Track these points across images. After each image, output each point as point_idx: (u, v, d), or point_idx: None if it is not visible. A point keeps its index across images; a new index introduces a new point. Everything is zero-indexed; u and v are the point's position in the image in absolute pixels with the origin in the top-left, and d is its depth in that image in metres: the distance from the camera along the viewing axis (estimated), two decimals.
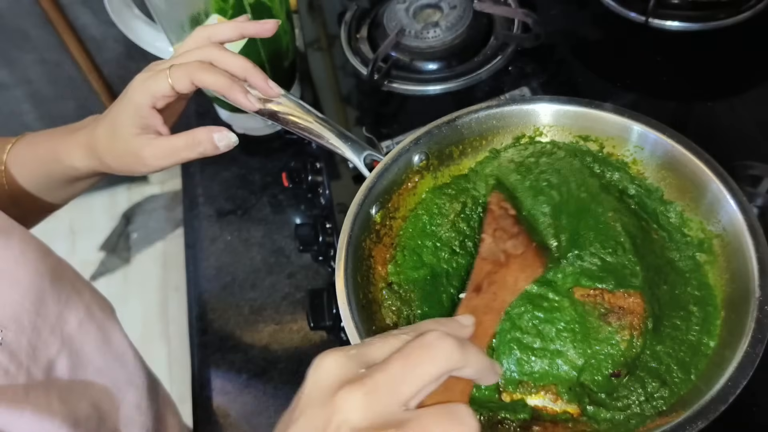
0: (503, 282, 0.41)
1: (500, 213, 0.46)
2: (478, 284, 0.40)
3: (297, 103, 0.49)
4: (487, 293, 0.39)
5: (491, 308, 0.39)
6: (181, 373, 1.41)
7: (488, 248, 0.43)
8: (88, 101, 1.50)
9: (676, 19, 0.63)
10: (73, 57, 1.39)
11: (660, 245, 0.46)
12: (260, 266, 0.63)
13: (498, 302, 0.39)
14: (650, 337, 0.41)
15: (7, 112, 1.47)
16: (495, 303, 0.39)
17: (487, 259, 0.42)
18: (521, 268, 0.42)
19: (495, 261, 0.42)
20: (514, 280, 0.41)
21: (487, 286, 0.40)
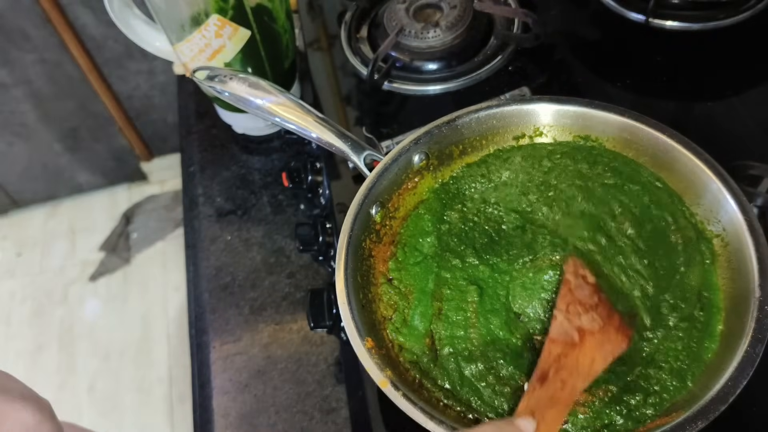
0: (575, 366, 0.36)
1: (577, 283, 0.41)
2: (545, 372, 0.36)
3: (297, 103, 0.49)
4: (553, 382, 0.36)
5: (557, 400, 0.35)
6: (181, 373, 1.41)
7: (559, 327, 0.38)
8: (87, 101, 1.50)
9: (676, 19, 0.63)
10: (73, 57, 1.39)
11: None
12: (260, 266, 0.63)
13: (567, 392, 0.35)
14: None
15: (7, 112, 1.47)
16: (563, 393, 0.35)
17: (557, 341, 0.38)
18: (599, 346, 0.37)
19: (566, 342, 0.37)
20: (589, 361, 0.37)
21: (555, 373, 0.36)
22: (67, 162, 1.64)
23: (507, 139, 0.51)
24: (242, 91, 0.49)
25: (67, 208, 1.74)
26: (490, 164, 0.50)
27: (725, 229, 0.43)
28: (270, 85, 0.50)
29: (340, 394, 0.54)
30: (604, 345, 0.38)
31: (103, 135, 1.60)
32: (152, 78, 1.51)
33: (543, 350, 0.38)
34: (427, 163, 0.50)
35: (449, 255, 0.46)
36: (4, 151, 1.56)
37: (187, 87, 0.80)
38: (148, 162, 1.72)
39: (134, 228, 1.70)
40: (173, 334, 1.50)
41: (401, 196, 0.49)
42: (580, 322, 0.38)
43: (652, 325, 0.42)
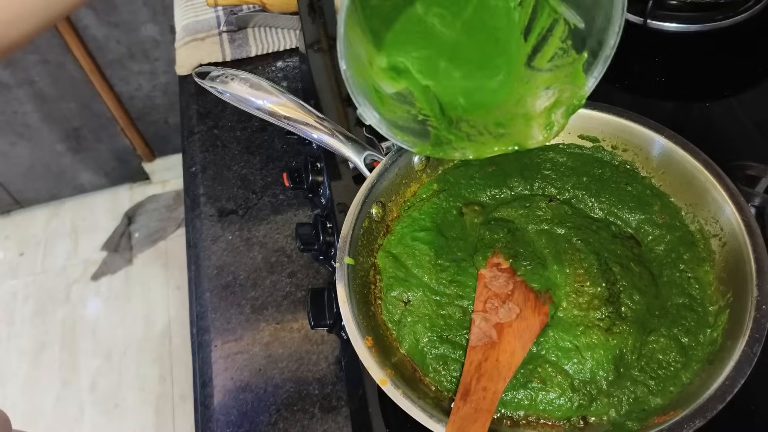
0: (495, 368, 0.37)
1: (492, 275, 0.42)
2: (467, 387, 0.37)
3: (298, 104, 0.49)
4: (476, 393, 0.36)
5: (480, 410, 0.35)
6: (182, 372, 1.42)
7: (477, 333, 0.39)
8: (90, 102, 1.51)
9: (675, 21, 0.63)
10: (76, 58, 1.40)
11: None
12: (261, 265, 0.63)
13: (488, 400, 0.36)
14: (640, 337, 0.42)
15: (10, 113, 1.48)
16: (485, 402, 0.36)
17: (477, 347, 0.39)
18: (518, 335, 0.39)
19: (485, 344, 0.38)
20: (509, 355, 0.38)
21: (476, 383, 0.37)
22: (70, 162, 1.64)
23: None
24: (244, 91, 0.50)
25: (69, 208, 1.75)
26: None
27: (723, 229, 0.43)
28: (271, 86, 0.50)
29: (340, 392, 0.55)
30: (523, 333, 0.39)
31: (106, 135, 1.60)
32: (154, 79, 1.51)
33: (465, 362, 0.38)
34: (427, 163, 0.50)
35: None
36: (6, 151, 1.56)
37: (189, 88, 0.80)
38: (150, 162, 1.73)
39: (136, 228, 1.70)
40: (175, 333, 1.50)
41: (401, 196, 0.49)
42: (498, 318, 0.39)
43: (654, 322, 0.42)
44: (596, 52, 0.41)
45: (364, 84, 0.40)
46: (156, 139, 1.67)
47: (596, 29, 0.41)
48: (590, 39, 0.42)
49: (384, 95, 0.43)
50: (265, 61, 0.81)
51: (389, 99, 0.43)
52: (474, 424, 0.34)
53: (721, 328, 0.41)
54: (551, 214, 0.48)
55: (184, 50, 0.83)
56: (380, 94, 0.42)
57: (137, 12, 1.37)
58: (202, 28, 0.84)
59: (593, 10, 0.40)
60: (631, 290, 0.43)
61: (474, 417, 0.35)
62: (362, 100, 0.40)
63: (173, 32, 1.08)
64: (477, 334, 0.40)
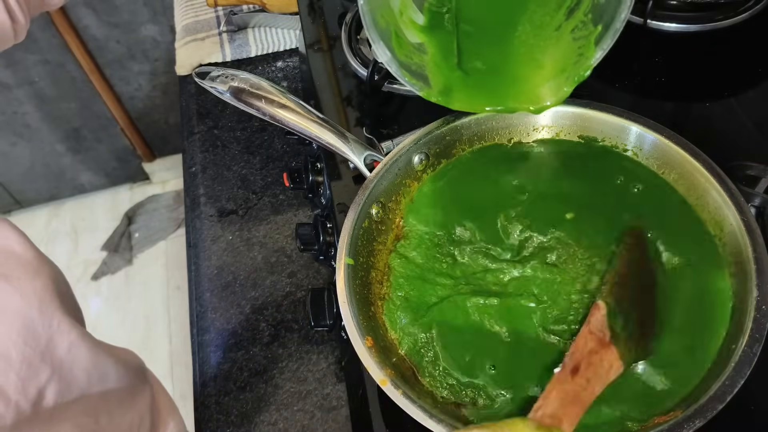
0: (599, 367, 0.35)
1: (633, 269, 0.38)
2: (578, 364, 0.34)
3: (298, 104, 0.49)
4: (581, 378, 0.34)
5: (579, 400, 0.33)
6: (182, 372, 1.42)
7: (599, 321, 0.36)
8: (90, 102, 1.51)
9: (675, 21, 0.63)
10: (76, 58, 1.40)
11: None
12: (261, 266, 0.63)
13: (587, 393, 0.33)
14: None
15: (10, 113, 1.48)
16: (585, 393, 0.33)
17: (594, 334, 0.35)
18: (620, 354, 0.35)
19: (600, 339, 0.35)
20: (609, 366, 0.35)
21: (585, 368, 0.34)
22: (70, 162, 1.64)
23: (506, 140, 0.51)
24: (244, 92, 0.50)
25: (69, 208, 1.75)
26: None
27: (723, 230, 0.43)
28: (271, 86, 0.50)
29: (340, 392, 0.55)
30: (623, 356, 0.36)
31: (106, 135, 1.60)
32: (154, 79, 1.51)
33: (578, 339, 0.35)
34: (427, 163, 0.50)
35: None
36: (7, 151, 1.56)
37: (189, 88, 0.80)
38: (150, 162, 1.73)
39: (136, 228, 1.70)
40: (175, 333, 1.50)
41: (401, 196, 0.49)
42: (615, 321, 0.36)
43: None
44: (608, 26, 0.43)
45: (383, 23, 0.42)
46: (156, 139, 1.67)
47: (612, 4, 0.42)
48: (605, 14, 0.43)
49: (403, 40, 0.44)
50: (265, 61, 0.81)
51: (408, 45, 0.44)
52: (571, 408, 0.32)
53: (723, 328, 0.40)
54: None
55: (184, 50, 0.83)
56: (400, 38, 0.44)
57: (137, 12, 1.37)
58: (202, 28, 0.84)
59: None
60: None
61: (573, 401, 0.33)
62: (376, 38, 0.41)
63: (173, 32, 1.08)
64: (597, 323, 0.36)
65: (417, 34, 0.45)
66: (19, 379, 0.36)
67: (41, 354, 0.38)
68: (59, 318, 0.40)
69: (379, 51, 0.42)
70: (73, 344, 0.40)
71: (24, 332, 0.37)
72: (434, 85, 0.45)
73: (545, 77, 0.45)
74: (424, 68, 0.45)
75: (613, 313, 0.37)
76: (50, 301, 0.40)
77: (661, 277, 0.41)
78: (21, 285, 0.38)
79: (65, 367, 0.40)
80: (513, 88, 0.45)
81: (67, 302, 0.43)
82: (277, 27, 0.83)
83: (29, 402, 0.36)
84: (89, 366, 0.42)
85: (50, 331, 0.39)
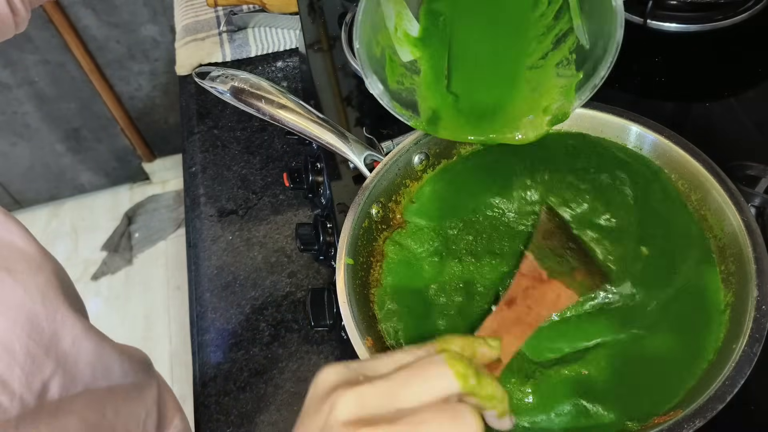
0: (541, 297, 0.39)
1: (550, 227, 0.43)
2: (513, 298, 0.38)
3: (298, 104, 0.49)
4: (520, 306, 0.37)
5: (522, 321, 0.36)
6: (182, 372, 1.42)
7: (529, 266, 0.41)
8: (90, 102, 1.51)
9: (675, 21, 0.63)
10: (75, 58, 1.40)
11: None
12: (261, 266, 0.64)
13: (532, 316, 0.37)
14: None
15: (10, 113, 1.48)
16: (528, 317, 0.37)
17: (527, 275, 0.40)
18: (565, 285, 0.40)
19: (535, 277, 0.40)
20: (555, 296, 0.39)
21: (522, 299, 0.38)
22: (70, 162, 1.64)
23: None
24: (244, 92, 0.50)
25: (69, 208, 1.75)
26: None
27: (723, 230, 0.43)
28: (271, 86, 0.50)
29: None
30: (571, 286, 0.40)
31: (105, 135, 1.60)
32: (154, 79, 1.51)
33: (512, 282, 0.40)
34: (427, 163, 0.50)
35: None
36: (7, 151, 1.56)
37: (189, 88, 0.80)
38: (150, 162, 1.73)
39: (136, 228, 1.70)
40: (175, 333, 1.50)
41: (401, 196, 0.49)
42: (550, 263, 0.41)
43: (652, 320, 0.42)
44: (588, 76, 0.44)
45: (377, 51, 0.45)
46: (156, 139, 1.67)
47: (595, 56, 0.44)
48: (588, 62, 0.44)
49: (396, 62, 0.46)
50: (265, 61, 0.81)
51: (400, 67, 0.46)
52: (512, 329, 0.35)
53: (724, 327, 0.40)
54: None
55: (184, 50, 0.83)
56: (393, 62, 0.46)
57: (137, 12, 1.37)
58: (202, 28, 0.84)
59: (598, 36, 0.43)
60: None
61: (514, 324, 0.36)
62: (369, 72, 0.44)
63: (173, 32, 1.08)
64: (528, 266, 0.41)
65: (411, 49, 0.47)
66: (23, 372, 0.36)
67: (45, 347, 0.37)
68: (63, 312, 0.40)
69: (372, 85, 0.45)
70: (78, 338, 0.41)
71: (28, 326, 0.37)
72: (423, 113, 0.47)
73: (527, 110, 0.46)
74: (414, 92, 0.47)
75: (543, 257, 0.41)
76: (54, 295, 0.39)
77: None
78: (24, 279, 0.38)
79: (70, 360, 0.40)
80: (496, 119, 0.46)
81: (71, 296, 0.43)
82: (277, 27, 0.83)
83: (34, 395, 0.36)
84: (94, 359, 0.42)
85: (54, 324, 0.39)
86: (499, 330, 0.36)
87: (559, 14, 0.46)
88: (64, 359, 0.39)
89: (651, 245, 0.45)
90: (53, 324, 0.39)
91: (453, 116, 0.46)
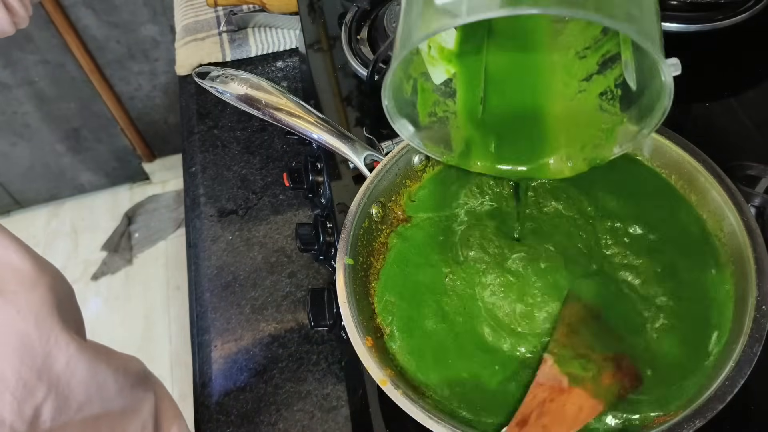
0: (560, 413, 0.34)
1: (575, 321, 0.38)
2: (525, 417, 0.34)
3: (298, 104, 0.49)
4: (533, 428, 0.33)
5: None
6: (182, 372, 1.42)
7: (548, 372, 0.36)
8: (89, 102, 1.51)
9: (675, 21, 0.63)
10: (75, 58, 1.40)
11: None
12: (261, 266, 0.64)
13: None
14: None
15: (10, 113, 1.48)
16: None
17: (544, 385, 0.35)
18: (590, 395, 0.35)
19: (554, 387, 0.35)
20: (576, 409, 0.34)
21: (536, 418, 0.34)
22: (70, 162, 1.64)
23: None
24: (243, 91, 0.50)
25: (69, 208, 1.75)
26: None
27: (723, 230, 0.43)
28: (271, 86, 0.50)
29: (340, 392, 0.55)
30: (596, 395, 0.35)
31: (105, 135, 1.60)
32: (154, 79, 1.51)
33: (527, 394, 0.36)
34: (426, 163, 0.50)
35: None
36: (7, 151, 1.56)
37: (189, 88, 0.80)
38: (150, 162, 1.73)
39: (136, 228, 1.70)
40: (175, 334, 1.50)
41: (401, 196, 0.49)
42: (571, 368, 0.36)
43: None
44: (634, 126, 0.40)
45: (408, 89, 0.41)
46: (156, 139, 1.67)
47: (641, 105, 0.39)
48: (633, 108, 0.40)
49: (428, 90, 0.43)
50: (265, 61, 0.81)
51: (432, 94, 0.43)
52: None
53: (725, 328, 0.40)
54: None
55: (184, 50, 0.83)
56: (425, 91, 0.42)
57: (137, 12, 1.37)
58: (202, 28, 0.84)
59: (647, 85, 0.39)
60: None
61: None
62: (397, 119, 0.41)
63: (173, 32, 1.08)
64: (546, 373, 0.36)
65: (445, 65, 0.42)
66: (14, 399, 0.35)
67: (38, 372, 0.36)
68: (57, 332, 0.39)
69: (402, 129, 0.41)
70: (72, 358, 0.39)
71: (20, 350, 0.36)
72: (456, 145, 0.44)
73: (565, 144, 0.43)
74: (447, 123, 0.44)
75: (565, 360, 0.37)
76: (48, 314, 0.38)
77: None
78: (17, 299, 0.37)
79: (62, 382, 0.38)
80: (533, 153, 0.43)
81: (66, 312, 0.41)
82: (277, 27, 0.83)
83: (25, 423, 0.35)
84: (88, 378, 0.41)
85: (48, 346, 0.38)
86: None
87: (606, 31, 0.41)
88: (56, 382, 0.38)
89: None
90: (47, 346, 0.38)
91: (486, 148, 0.43)
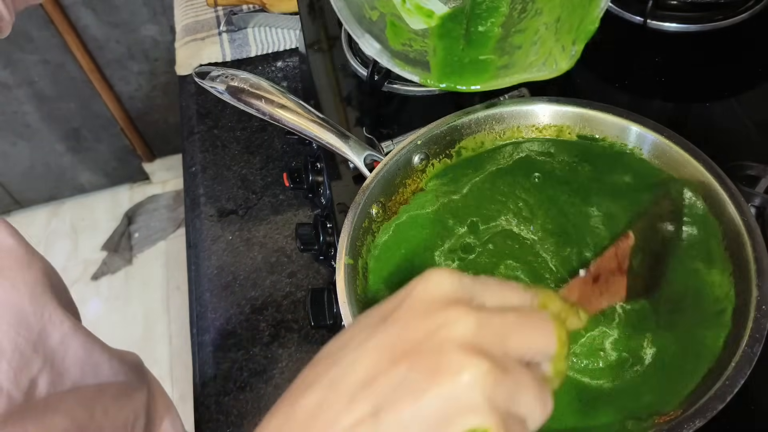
0: (611, 287, 0.36)
1: (659, 222, 0.41)
2: (599, 275, 0.36)
3: (298, 104, 0.49)
4: (597, 288, 0.35)
5: (590, 302, 0.34)
6: (182, 372, 1.42)
7: (624, 249, 0.38)
8: (89, 102, 1.51)
9: (675, 21, 0.63)
10: (75, 58, 1.40)
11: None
12: (261, 266, 0.64)
13: (594, 304, 0.35)
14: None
15: (10, 113, 1.48)
16: (592, 303, 0.35)
17: (617, 258, 0.37)
18: (628, 286, 0.38)
19: (620, 264, 0.37)
20: (615, 292, 0.37)
21: (603, 282, 0.36)
22: (70, 162, 1.64)
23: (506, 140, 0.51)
24: (244, 92, 0.50)
25: (69, 208, 1.75)
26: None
27: (723, 230, 0.43)
28: (271, 86, 0.50)
29: None
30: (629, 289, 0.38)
31: (105, 135, 1.61)
32: (154, 79, 1.51)
33: (605, 254, 0.37)
34: (426, 163, 0.50)
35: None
36: (6, 151, 1.56)
37: (189, 88, 0.80)
38: (150, 162, 1.73)
39: (136, 228, 1.70)
40: (175, 334, 1.50)
41: (401, 196, 0.49)
42: (637, 258, 0.38)
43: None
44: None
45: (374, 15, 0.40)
46: (156, 139, 1.67)
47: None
48: None
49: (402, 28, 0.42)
50: (265, 61, 0.81)
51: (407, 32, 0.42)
52: (584, 305, 0.33)
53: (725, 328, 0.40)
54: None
55: (184, 50, 0.83)
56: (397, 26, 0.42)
57: (137, 12, 1.37)
58: (202, 28, 0.84)
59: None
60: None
61: (585, 301, 0.33)
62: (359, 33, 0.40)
63: (173, 32, 1.08)
64: (624, 250, 0.38)
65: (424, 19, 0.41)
66: (10, 368, 0.35)
67: (33, 344, 0.37)
68: (51, 309, 0.40)
69: (367, 44, 0.40)
70: (66, 335, 0.40)
71: (15, 323, 0.37)
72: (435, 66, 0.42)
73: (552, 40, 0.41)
74: (425, 54, 0.42)
75: (636, 248, 0.39)
76: (42, 292, 0.39)
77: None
78: (12, 276, 0.38)
79: (57, 357, 0.39)
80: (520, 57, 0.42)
81: (60, 295, 0.42)
82: (277, 27, 0.83)
83: (21, 392, 0.36)
84: (82, 358, 0.42)
85: (42, 321, 0.39)
86: (580, 300, 0.34)
87: None
88: (52, 356, 0.39)
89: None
90: (41, 320, 0.39)
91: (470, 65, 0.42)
